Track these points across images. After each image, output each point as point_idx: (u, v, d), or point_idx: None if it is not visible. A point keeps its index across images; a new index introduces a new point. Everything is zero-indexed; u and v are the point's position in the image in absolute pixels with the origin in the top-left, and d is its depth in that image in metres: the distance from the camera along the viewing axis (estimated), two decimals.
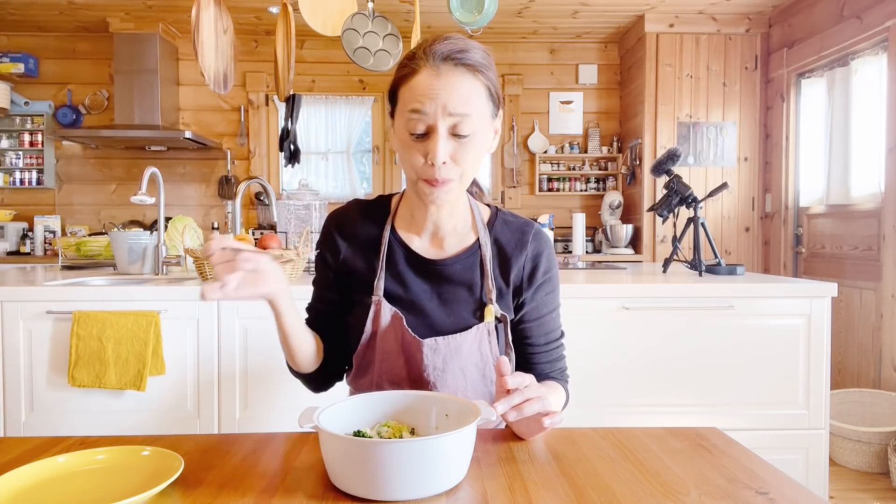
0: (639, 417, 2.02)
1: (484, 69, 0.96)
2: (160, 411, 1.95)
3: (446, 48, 0.94)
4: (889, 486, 2.69)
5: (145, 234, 2.45)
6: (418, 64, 0.94)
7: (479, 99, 0.95)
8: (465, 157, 0.95)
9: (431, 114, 0.92)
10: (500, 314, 1.07)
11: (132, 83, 4.39)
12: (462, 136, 0.93)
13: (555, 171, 4.87)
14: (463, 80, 0.93)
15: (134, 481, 0.75)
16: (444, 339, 1.04)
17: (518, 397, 0.85)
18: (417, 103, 0.92)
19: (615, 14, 4.36)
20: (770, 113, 4.29)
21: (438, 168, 0.93)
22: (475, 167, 0.99)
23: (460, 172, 0.96)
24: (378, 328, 1.05)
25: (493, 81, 0.98)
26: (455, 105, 0.92)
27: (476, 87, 0.94)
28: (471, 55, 0.95)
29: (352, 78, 4.80)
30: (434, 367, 1.04)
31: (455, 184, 0.97)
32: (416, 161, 0.95)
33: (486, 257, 1.07)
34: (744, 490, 0.75)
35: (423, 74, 0.93)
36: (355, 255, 1.09)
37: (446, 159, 0.93)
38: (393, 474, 0.70)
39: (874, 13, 3.24)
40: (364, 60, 2.99)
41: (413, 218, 1.08)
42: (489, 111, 0.98)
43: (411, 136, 0.94)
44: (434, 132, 0.93)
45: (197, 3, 2.54)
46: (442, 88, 0.92)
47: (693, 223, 2.43)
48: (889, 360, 3.15)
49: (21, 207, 4.73)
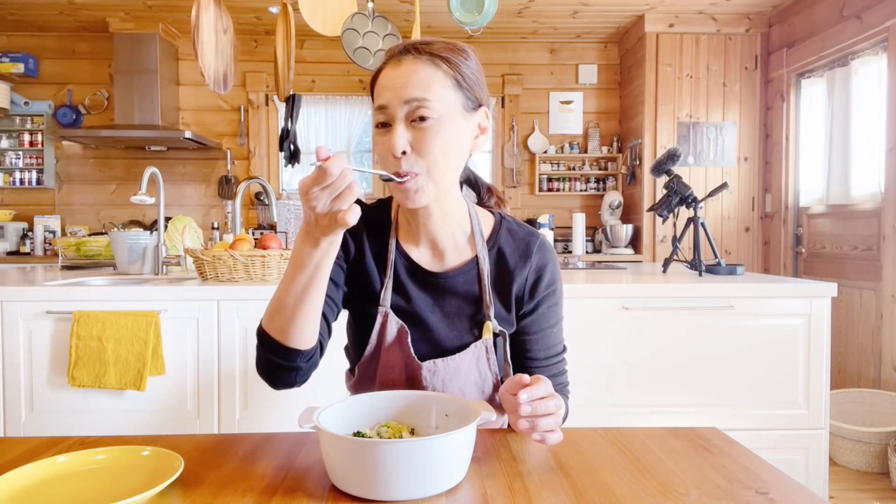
0: (639, 417, 2.02)
1: (448, 59, 0.95)
2: (160, 411, 1.95)
3: (409, 43, 0.96)
4: (889, 486, 2.69)
5: (145, 234, 2.44)
6: (385, 63, 0.97)
7: (442, 87, 0.93)
8: (429, 148, 0.91)
9: (390, 103, 0.92)
10: (499, 330, 1.05)
11: (132, 83, 4.39)
12: (421, 121, 0.91)
13: (555, 171, 4.87)
14: (420, 67, 0.93)
15: (134, 481, 0.75)
16: (442, 362, 1.02)
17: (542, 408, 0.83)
18: (380, 96, 0.94)
19: (615, 14, 4.36)
20: (770, 113, 4.29)
21: (400, 160, 0.91)
22: (446, 163, 0.94)
23: (425, 166, 0.92)
24: (384, 341, 1.03)
25: (464, 74, 0.96)
26: (411, 91, 0.91)
27: (436, 75, 0.93)
28: (433, 46, 0.95)
29: (352, 78, 4.80)
30: (433, 388, 1.02)
31: (422, 179, 0.92)
32: (382, 155, 0.94)
33: (484, 272, 1.04)
34: (744, 490, 0.75)
35: (386, 69, 0.96)
36: (362, 260, 1.06)
37: (405, 148, 0.91)
38: (393, 474, 0.70)
39: (874, 13, 3.24)
40: (364, 60, 2.99)
41: (409, 226, 1.06)
42: (458, 103, 0.95)
43: (377, 131, 0.95)
44: (394, 121, 0.92)
45: (197, 3, 2.54)
46: (398, 77, 0.93)
47: (693, 223, 2.43)
48: (889, 360, 3.15)
49: (21, 207, 4.73)
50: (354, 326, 1.10)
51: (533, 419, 0.83)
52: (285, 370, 0.92)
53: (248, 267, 2.02)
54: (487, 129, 1.01)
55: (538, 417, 0.83)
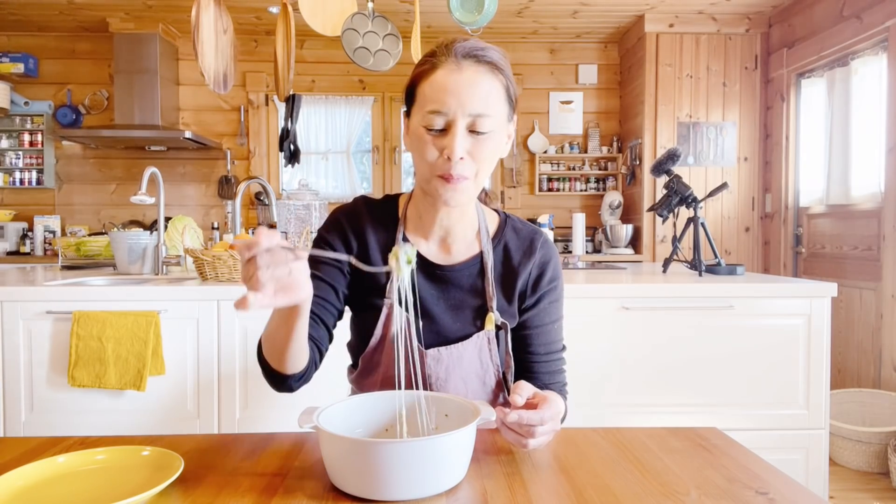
0: (639, 417, 2.02)
1: (503, 70, 0.97)
2: (160, 411, 1.95)
3: (467, 45, 0.95)
4: (889, 486, 2.69)
5: (145, 234, 2.44)
6: (439, 60, 0.95)
7: (498, 98, 0.96)
8: (482, 156, 0.95)
9: (451, 108, 0.92)
10: (501, 322, 1.07)
11: (132, 83, 4.39)
12: (480, 134, 0.94)
13: (555, 171, 4.87)
14: (483, 77, 0.94)
15: (134, 481, 0.75)
16: (446, 350, 1.04)
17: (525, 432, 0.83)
18: (437, 97, 0.93)
19: (615, 14, 4.35)
20: (770, 113, 4.29)
21: (455, 164, 0.93)
22: (489, 169, 0.98)
23: (475, 171, 0.96)
24: (388, 332, 1.05)
25: (511, 83, 0.99)
26: (475, 101, 0.93)
27: (495, 86, 0.96)
28: (490, 54, 0.96)
29: (352, 78, 4.80)
30: (437, 376, 1.05)
31: (469, 183, 0.96)
32: (431, 156, 0.94)
33: (488, 265, 1.07)
34: (744, 490, 0.75)
35: (444, 70, 0.94)
36: (366, 254, 1.08)
37: (463, 154, 0.93)
38: (393, 474, 0.70)
39: (874, 13, 3.24)
40: (364, 60, 2.99)
41: (421, 221, 1.07)
42: (505, 113, 0.98)
43: (428, 132, 0.94)
44: (453, 126, 0.93)
45: (197, 3, 2.54)
46: (463, 84, 0.93)
47: (693, 223, 2.43)
48: (889, 360, 3.15)
49: (21, 207, 4.73)
50: (358, 320, 1.11)
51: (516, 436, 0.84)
52: (278, 385, 0.99)
53: None
54: (513, 136, 1.05)
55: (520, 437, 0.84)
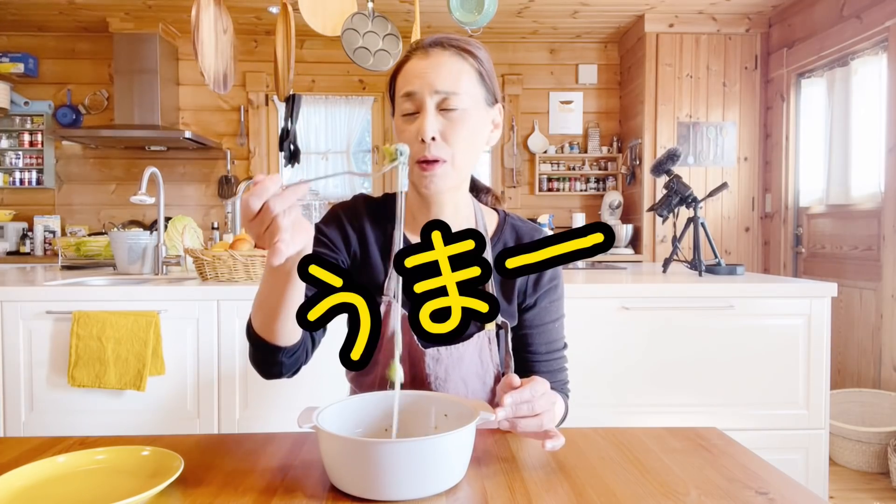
0: (639, 417, 2.02)
1: (473, 53, 1.00)
2: (160, 411, 1.95)
3: (437, 36, 1.00)
4: (889, 486, 2.69)
5: (145, 234, 2.44)
6: (411, 54, 1.01)
7: (469, 80, 0.98)
8: (456, 136, 0.96)
9: (420, 91, 0.96)
10: (501, 321, 1.07)
11: (132, 83, 4.39)
12: (450, 111, 0.96)
13: (555, 171, 4.87)
14: (450, 59, 0.98)
15: (134, 481, 0.75)
16: (446, 350, 1.04)
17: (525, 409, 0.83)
18: (408, 84, 0.97)
19: (615, 14, 4.35)
20: (770, 113, 4.29)
21: (429, 145, 0.95)
22: (468, 152, 1.00)
23: (451, 153, 0.97)
24: (387, 330, 1.05)
25: (486, 69, 1.02)
26: (442, 81, 0.96)
27: (464, 68, 0.99)
28: (458, 40, 1.00)
29: (352, 78, 4.80)
30: (436, 376, 1.04)
31: (447, 167, 0.97)
32: (410, 142, 0.96)
33: None
34: (744, 490, 0.75)
35: (413, 59, 1.00)
36: (366, 252, 1.08)
37: (435, 134, 0.96)
38: (393, 474, 0.70)
39: (874, 13, 3.24)
40: (364, 60, 2.99)
41: (415, 219, 1.08)
42: (481, 96, 1.01)
43: (404, 119, 0.98)
44: (423, 107, 0.96)
45: (197, 3, 2.54)
46: (429, 67, 0.97)
47: (693, 223, 2.43)
48: (889, 360, 3.15)
49: (21, 207, 4.72)
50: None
51: (513, 420, 0.84)
52: (269, 363, 0.93)
53: (248, 267, 2.02)
54: (500, 125, 1.07)
55: (518, 419, 0.83)
